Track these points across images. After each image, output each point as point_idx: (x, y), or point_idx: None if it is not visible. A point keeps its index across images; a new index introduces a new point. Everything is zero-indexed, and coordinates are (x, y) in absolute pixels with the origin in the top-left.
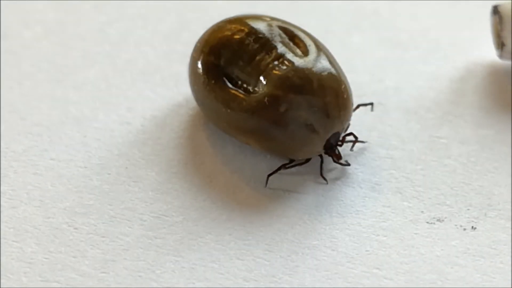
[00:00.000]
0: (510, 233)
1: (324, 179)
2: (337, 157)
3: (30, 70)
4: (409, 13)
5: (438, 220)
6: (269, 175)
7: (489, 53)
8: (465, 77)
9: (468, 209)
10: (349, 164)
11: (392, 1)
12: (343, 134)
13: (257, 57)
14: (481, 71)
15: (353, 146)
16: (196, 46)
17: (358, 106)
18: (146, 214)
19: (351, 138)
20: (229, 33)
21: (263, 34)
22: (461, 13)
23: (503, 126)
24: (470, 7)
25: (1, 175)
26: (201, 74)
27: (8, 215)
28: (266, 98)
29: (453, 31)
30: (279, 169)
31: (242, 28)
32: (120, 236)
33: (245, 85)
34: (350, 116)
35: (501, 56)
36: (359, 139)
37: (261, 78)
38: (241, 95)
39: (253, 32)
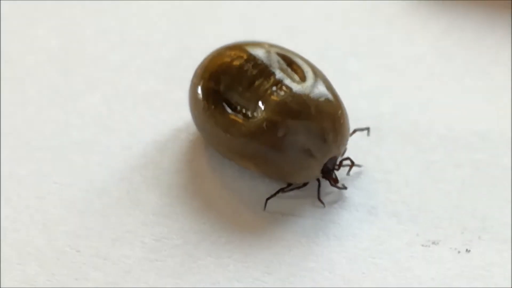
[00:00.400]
0: (504, 256)
1: (322, 202)
2: (334, 181)
3: (33, 96)
4: (405, 40)
5: (433, 243)
6: (268, 198)
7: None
8: (460, 103)
9: (463, 232)
10: (346, 188)
11: (388, 28)
12: (340, 159)
13: (256, 83)
14: (472, 97)
15: (349, 170)
16: (196, 72)
17: (354, 131)
18: (147, 237)
19: (347, 162)
20: (228, 59)
21: (262, 60)
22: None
23: (496, 150)
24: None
25: (5, 198)
26: (201, 99)
27: (11, 238)
28: (264, 123)
29: (447, 58)
30: (277, 192)
31: (241, 54)
32: (121, 259)
33: (244, 111)
34: (346, 140)
35: None
36: (355, 163)
37: (260, 103)
38: (240, 120)
39: (252, 58)
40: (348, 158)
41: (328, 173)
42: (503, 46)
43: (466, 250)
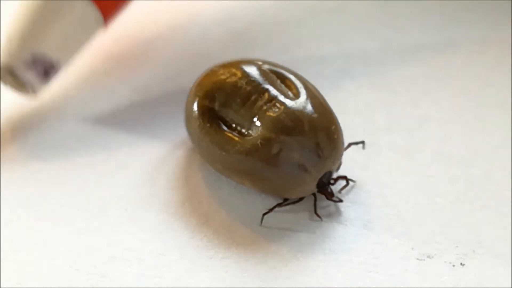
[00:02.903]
0: (498, 270)
1: (319, 216)
2: (329, 195)
3: None
4: (399, 59)
5: (428, 256)
6: (264, 214)
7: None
8: (454, 118)
9: (457, 246)
10: (341, 201)
11: (382, 47)
12: (335, 174)
13: (250, 100)
14: (466, 113)
15: (342, 188)
16: (191, 90)
17: (349, 145)
18: (144, 253)
19: (343, 179)
20: (222, 77)
21: (255, 77)
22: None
23: (490, 165)
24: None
25: (5, 219)
26: (197, 117)
27: (11, 258)
28: (259, 141)
29: (441, 76)
30: (274, 208)
31: (235, 72)
32: (120, 276)
33: (239, 128)
34: (341, 155)
35: None
36: (350, 180)
37: (255, 120)
38: (236, 138)
39: (246, 75)
40: (343, 177)
41: (324, 187)
42: (496, 63)
43: (461, 264)
